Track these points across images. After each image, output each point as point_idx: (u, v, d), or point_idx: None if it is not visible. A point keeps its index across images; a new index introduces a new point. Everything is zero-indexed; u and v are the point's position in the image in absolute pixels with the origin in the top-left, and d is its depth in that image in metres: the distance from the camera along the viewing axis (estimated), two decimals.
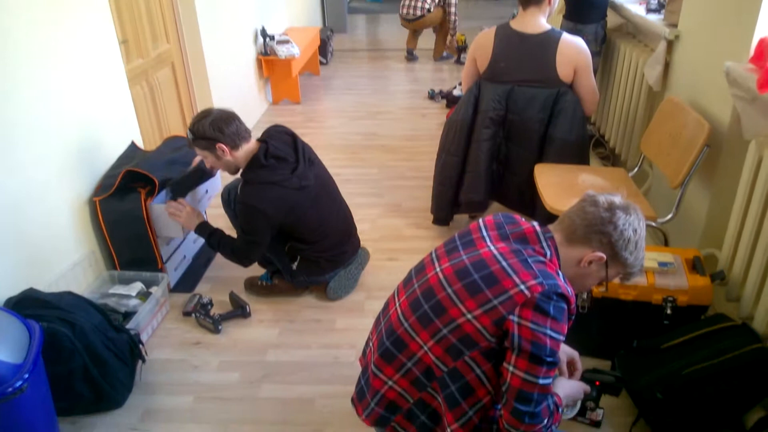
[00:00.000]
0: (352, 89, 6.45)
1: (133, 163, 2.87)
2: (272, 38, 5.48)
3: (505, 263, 1.50)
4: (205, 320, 2.77)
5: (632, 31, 3.90)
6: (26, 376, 1.78)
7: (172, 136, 3.20)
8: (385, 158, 4.64)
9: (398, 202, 3.94)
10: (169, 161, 2.90)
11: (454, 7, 7.05)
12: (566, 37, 2.96)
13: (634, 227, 1.56)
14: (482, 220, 1.69)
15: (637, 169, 3.16)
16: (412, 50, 7.56)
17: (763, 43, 2.20)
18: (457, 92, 5.71)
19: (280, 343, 2.71)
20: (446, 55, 7.53)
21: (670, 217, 2.69)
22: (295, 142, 2.71)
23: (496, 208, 3.58)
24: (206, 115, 2.55)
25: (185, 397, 2.42)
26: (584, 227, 1.57)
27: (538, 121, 3.06)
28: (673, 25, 3.09)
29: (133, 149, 3.07)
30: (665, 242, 2.85)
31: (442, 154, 3.35)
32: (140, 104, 3.46)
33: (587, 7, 3.79)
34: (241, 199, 2.60)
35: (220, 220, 3.61)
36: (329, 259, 2.87)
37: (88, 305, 2.34)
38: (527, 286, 1.44)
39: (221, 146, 2.53)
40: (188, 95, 4.22)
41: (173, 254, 3.04)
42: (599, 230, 1.55)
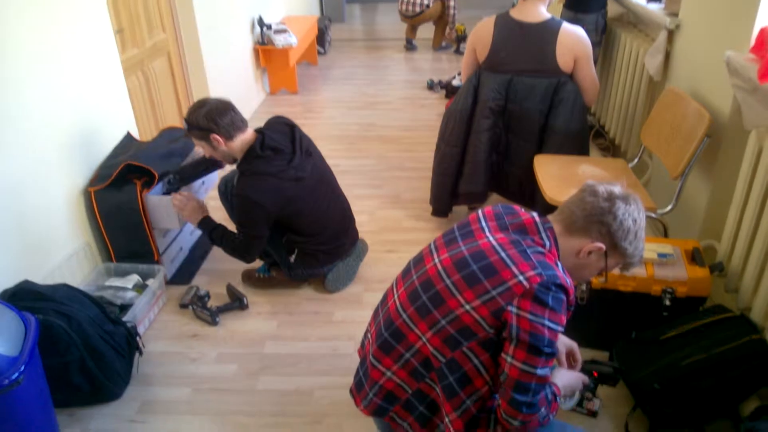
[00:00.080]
0: (350, 79, 6.42)
1: (129, 153, 2.86)
2: (269, 27, 5.45)
3: (503, 254, 1.49)
4: (202, 312, 2.76)
5: (633, 20, 3.88)
6: (22, 368, 1.77)
7: (168, 127, 3.18)
8: (383, 149, 4.62)
9: (397, 193, 3.93)
10: (167, 153, 2.89)
11: (453, 0, 7.05)
12: (566, 26, 2.94)
13: (633, 217, 1.55)
14: (481, 211, 1.68)
15: (637, 159, 3.15)
16: (411, 40, 7.53)
17: (764, 32, 2.19)
18: (456, 82, 5.69)
19: (278, 334, 2.70)
20: (445, 44, 7.51)
21: (669, 208, 2.68)
22: (293, 133, 2.69)
23: (495, 199, 3.57)
24: (201, 105, 2.54)
25: (183, 389, 2.41)
26: (584, 217, 1.56)
27: (537, 111, 3.05)
28: (673, 14, 3.07)
29: (128, 140, 3.05)
30: (665, 233, 2.84)
31: (441, 144, 3.33)
32: (136, 94, 3.44)
33: None
34: (237, 191, 2.59)
35: (218, 212, 3.61)
36: (327, 252, 2.86)
37: (84, 297, 2.33)
38: (526, 276, 1.43)
39: (215, 137, 2.52)
40: (184, 85, 4.20)
41: (170, 246, 3.03)
42: (599, 220, 1.55)
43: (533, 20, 2.96)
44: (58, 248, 2.61)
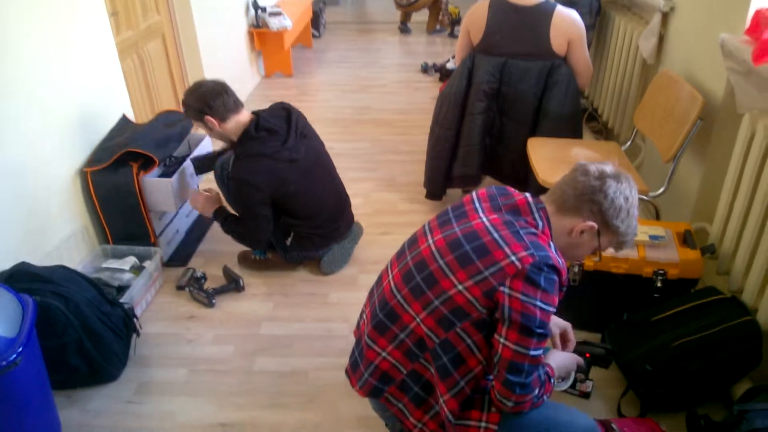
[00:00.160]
0: (344, 62, 6.39)
1: (126, 135, 2.86)
2: (264, 10, 5.41)
3: (496, 234, 1.50)
4: (198, 294, 2.78)
5: (627, 3, 3.86)
6: (20, 349, 1.77)
7: (165, 110, 3.17)
8: (378, 132, 4.62)
9: (391, 176, 3.93)
10: (164, 138, 2.88)
11: None
12: (560, 9, 2.94)
13: (625, 195, 1.55)
14: (475, 192, 1.69)
15: (629, 142, 3.16)
16: (405, 23, 7.50)
17: (759, 14, 2.19)
18: (450, 65, 5.67)
19: (273, 316, 2.72)
20: (439, 28, 7.47)
21: (662, 190, 2.70)
22: (289, 115, 2.71)
23: (489, 182, 3.58)
24: (196, 87, 2.58)
25: (180, 370, 2.43)
26: (575, 197, 1.57)
27: (531, 94, 3.05)
28: None
29: (124, 122, 3.04)
30: (657, 216, 2.86)
31: (435, 127, 3.33)
32: (131, 77, 3.42)
33: None
34: (232, 175, 2.61)
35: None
36: (323, 235, 2.87)
37: (81, 279, 2.34)
38: (518, 257, 1.44)
39: (209, 119, 2.57)
40: (179, 68, 4.18)
41: (166, 228, 3.04)
42: (590, 199, 1.55)
43: (527, 3, 2.96)
44: (55, 230, 2.61)
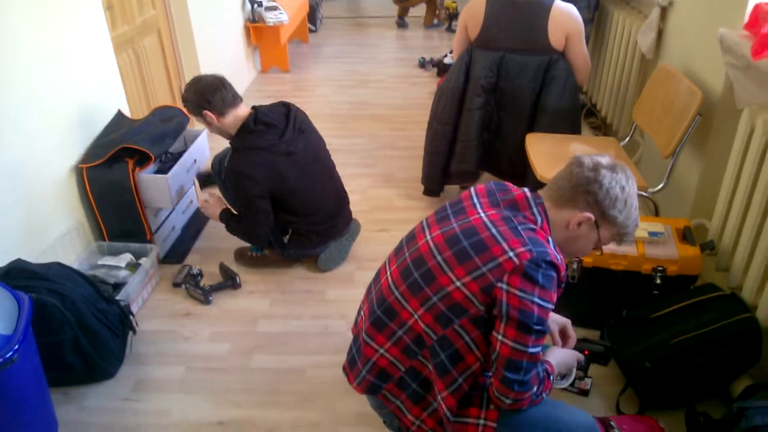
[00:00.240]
0: (341, 57, 6.37)
1: (121, 131, 2.84)
2: (260, 5, 5.39)
3: (494, 230, 1.49)
4: (195, 291, 2.77)
5: None
6: (16, 346, 1.77)
7: (161, 106, 3.16)
8: (375, 127, 4.61)
9: (389, 172, 3.92)
10: (160, 134, 2.86)
11: None
12: (558, 3, 2.93)
13: (621, 185, 1.54)
14: (474, 188, 1.68)
15: (628, 138, 3.15)
16: (402, 17, 7.48)
17: (758, 9, 2.18)
18: (448, 60, 5.65)
19: (270, 313, 2.71)
20: (437, 22, 7.46)
21: (660, 186, 2.69)
22: (288, 110, 2.72)
23: (487, 178, 3.57)
24: (195, 82, 2.60)
25: (176, 367, 2.42)
26: (570, 189, 1.56)
27: (529, 89, 3.04)
28: None
29: (120, 118, 3.02)
30: (656, 212, 2.85)
31: (433, 123, 3.32)
32: (126, 72, 3.40)
33: None
34: (230, 167, 2.62)
35: (211, 190, 3.61)
36: (321, 233, 2.87)
37: (77, 276, 2.33)
38: (516, 253, 1.43)
39: (207, 113, 2.58)
40: (175, 63, 4.16)
41: (162, 225, 3.02)
42: (585, 190, 1.54)
43: None
44: (51, 227, 2.60)
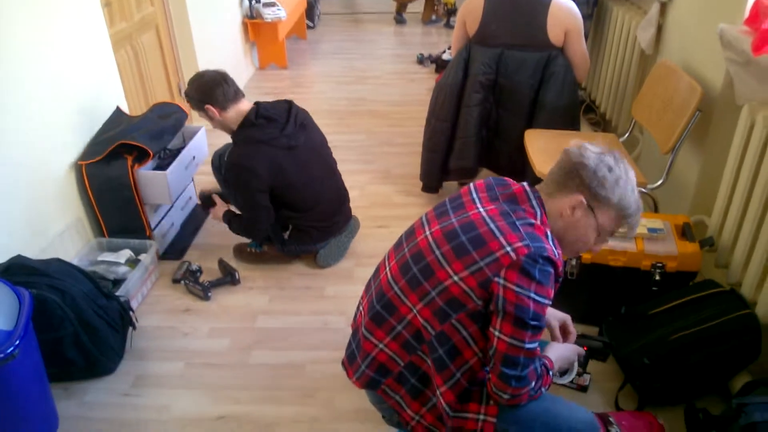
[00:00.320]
0: (339, 53, 6.37)
1: (120, 128, 2.84)
2: (258, 1, 5.37)
3: (492, 225, 1.49)
4: (194, 287, 2.77)
5: None
6: (17, 342, 1.77)
7: (159, 102, 3.15)
8: (373, 124, 4.60)
9: (387, 168, 3.92)
10: (158, 131, 2.86)
11: None
12: None
13: (608, 165, 1.54)
14: (473, 184, 1.68)
15: (627, 134, 3.15)
16: (400, 13, 7.47)
17: (758, 4, 2.18)
18: (446, 56, 5.65)
19: (269, 309, 2.71)
20: (435, 18, 7.45)
21: (660, 182, 2.69)
22: (290, 106, 2.74)
23: (485, 175, 3.56)
24: (198, 77, 2.65)
25: (176, 363, 2.42)
26: (561, 176, 1.58)
27: (528, 85, 3.04)
28: None
29: (118, 114, 3.02)
30: (655, 208, 2.85)
31: (431, 119, 3.32)
32: (125, 69, 3.39)
33: None
34: (230, 160, 2.64)
35: (210, 187, 3.60)
36: (321, 229, 2.87)
37: (77, 272, 2.33)
38: (513, 248, 1.44)
39: (209, 107, 2.61)
40: (173, 60, 4.15)
41: (161, 221, 3.02)
42: (573, 174, 1.56)
43: None
44: (50, 223, 2.60)
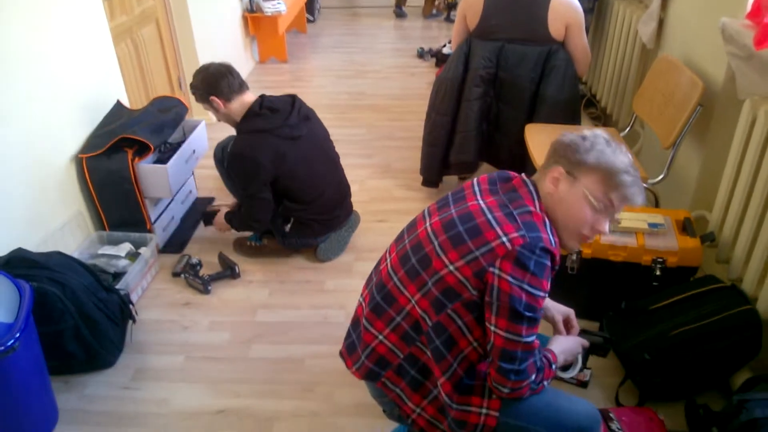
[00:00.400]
0: (339, 47, 6.36)
1: (121, 122, 2.83)
2: None
3: (490, 215, 1.50)
4: (194, 281, 2.76)
5: None
6: (18, 335, 1.77)
7: (160, 96, 3.15)
8: (373, 118, 4.60)
9: (387, 162, 3.91)
10: (159, 124, 2.86)
11: None
12: None
13: (582, 135, 1.55)
14: (477, 178, 1.69)
15: (628, 129, 3.15)
16: (401, 7, 7.46)
17: None
18: (446, 50, 5.64)
19: (269, 303, 2.71)
20: (435, 12, 7.44)
21: (661, 177, 2.69)
22: (294, 100, 2.76)
23: (486, 169, 3.56)
24: (203, 69, 2.68)
25: (176, 356, 2.42)
26: (545, 160, 1.63)
27: (529, 79, 3.03)
28: None
29: (119, 108, 3.01)
30: (656, 203, 2.85)
31: (431, 113, 3.31)
32: (125, 62, 3.39)
33: None
34: (233, 150, 2.65)
35: (209, 181, 3.61)
36: (322, 222, 2.87)
37: (77, 265, 2.32)
38: (509, 238, 1.44)
39: (214, 99, 2.64)
40: (173, 53, 4.14)
41: (161, 215, 3.02)
42: (551, 152, 1.60)
43: None
44: (51, 216, 2.59)
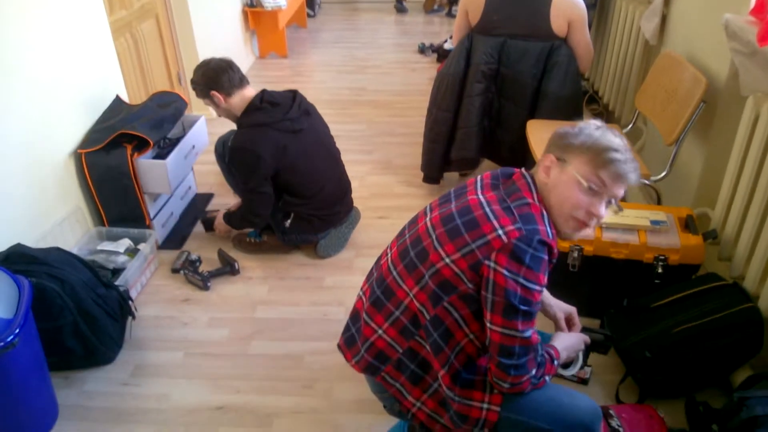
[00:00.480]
0: (340, 42, 6.34)
1: (120, 117, 2.83)
2: None
3: (488, 209, 1.50)
4: (193, 277, 2.76)
5: None
6: (17, 330, 1.77)
7: (159, 91, 3.13)
8: (374, 114, 4.59)
9: (388, 159, 3.90)
10: (158, 120, 2.85)
11: None
12: None
13: (571, 125, 1.57)
14: (481, 174, 1.69)
15: (631, 125, 3.14)
16: (402, 2, 7.45)
17: None
18: (448, 45, 5.63)
19: (269, 300, 2.71)
20: (437, 7, 7.42)
21: (663, 174, 2.68)
22: (294, 95, 2.77)
23: (487, 165, 3.55)
24: (204, 65, 2.69)
25: (175, 353, 2.42)
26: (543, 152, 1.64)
27: (531, 75, 3.02)
28: None
29: (118, 103, 3.00)
30: (658, 200, 2.84)
31: (432, 109, 3.29)
32: (124, 57, 3.37)
33: None
34: (234, 144, 2.66)
35: (209, 176, 3.60)
36: (322, 218, 2.86)
37: (76, 261, 2.32)
38: (505, 231, 1.44)
39: (215, 94, 2.65)
40: (173, 48, 4.12)
41: (161, 211, 3.01)
42: (548, 143, 1.61)
43: None
44: (50, 212, 2.59)
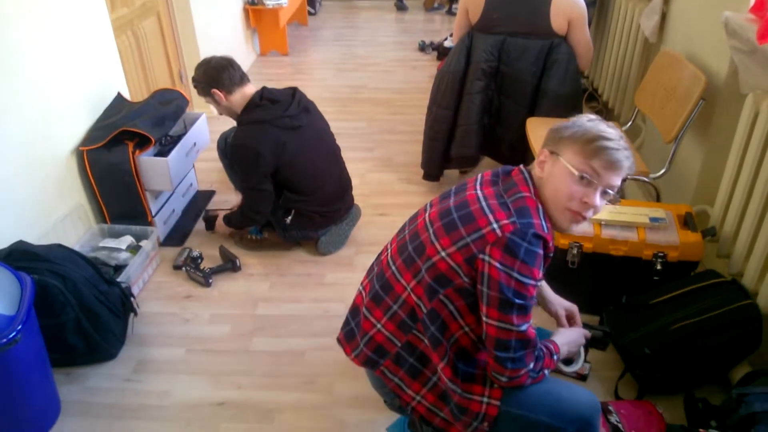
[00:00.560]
0: (340, 40, 6.35)
1: (121, 114, 2.83)
2: None
3: (484, 203, 1.51)
4: (195, 274, 2.77)
5: None
6: (20, 327, 1.78)
7: (160, 89, 3.14)
8: (374, 111, 4.59)
9: (389, 156, 3.91)
10: (160, 117, 2.86)
11: None
12: None
13: (568, 120, 1.57)
14: (482, 172, 1.69)
15: (630, 123, 3.14)
16: (402, 0, 7.44)
17: None
18: (448, 43, 5.63)
19: (270, 296, 2.72)
20: (437, 5, 7.42)
21: (662, 172, 2.69)
22: (294, 92, 2.78)
23: (487, 163, 3.56)
24: (204, 63, 2.71)
25: (177, 349, 2.43)
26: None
27: (530, 73, 3.03)
28: None
29: (119, 101, 3.01)
30: (657, 198, 2.85)
31: (432, 107, 3.30)
32: (126, 55, 3.38)
33: None
34: (234, 141, 2.67)
35: (210, 174, 3.60)
36: (323, 215, 2.87)
37: (78, 258, 2.33)
38: (500, 225, 1.45)
39: (215, 91, 2.66)
40: (174, 45, 4.13)
41: (162, 208, 3.02)
42: (545, 139, 1.60)
43: None
44: (52, 209, 2.59)
